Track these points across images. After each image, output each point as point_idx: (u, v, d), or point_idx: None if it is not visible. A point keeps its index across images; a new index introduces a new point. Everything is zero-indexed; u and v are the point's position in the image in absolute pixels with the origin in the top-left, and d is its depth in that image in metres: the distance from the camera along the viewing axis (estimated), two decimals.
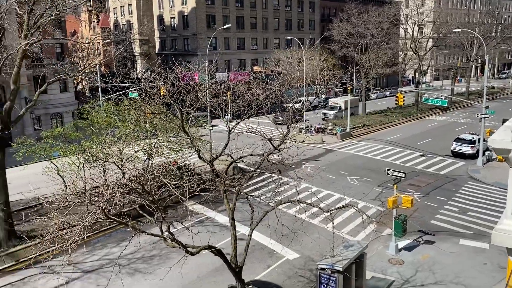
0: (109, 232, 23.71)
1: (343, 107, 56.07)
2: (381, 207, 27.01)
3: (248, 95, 14.51)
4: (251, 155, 14.35)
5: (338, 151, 42.86)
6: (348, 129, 49.63)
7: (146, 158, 26.45)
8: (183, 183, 12.07)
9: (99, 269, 20.46)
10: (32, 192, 24.11)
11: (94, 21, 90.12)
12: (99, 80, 39.75)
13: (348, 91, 52.02)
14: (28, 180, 27.48)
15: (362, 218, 13.96)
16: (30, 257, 21.27)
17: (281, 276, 19.48)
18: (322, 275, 15.14)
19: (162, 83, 14.75)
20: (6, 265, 20.97)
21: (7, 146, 23.49)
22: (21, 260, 21.32)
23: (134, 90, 30.48)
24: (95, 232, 23.36)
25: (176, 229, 12.08)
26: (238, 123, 14.35)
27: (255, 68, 70.77)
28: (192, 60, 56.78)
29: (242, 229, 23.22)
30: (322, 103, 61.91)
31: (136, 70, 69.19)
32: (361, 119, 56.81)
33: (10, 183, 23.79)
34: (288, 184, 15.07)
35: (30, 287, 19.14)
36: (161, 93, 18.27)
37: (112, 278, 17.10)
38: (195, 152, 14.62)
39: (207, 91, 16.14)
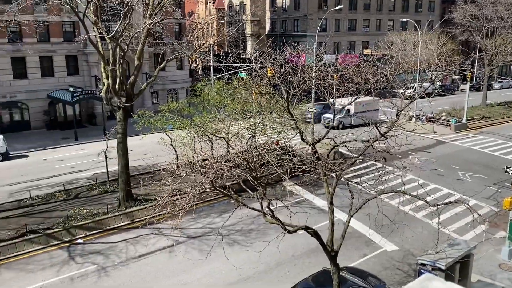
0: (212, 203, 25.16)
1: (352, 111, 43.60)
2: (495, 207, 24.70)
3: (357, 79, 14.14)
4: (355, 140, 14.06)
5: (450, 144, 39.86)
6: (464, 121, 45.80)
7: (251, 136, 27.38)
8: (285, 162, 12.31)
9: (202, 236, 21.93)
10: (149, 159, 26.45)
11: (210, 2, 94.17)
12: (211, 60, 41.75)
13: (468, 79, 47.73)
14: (145, 149, 30.27)
15: (473, 216, 12.96)
16: (143, 218, 23.58)
17: (377, 266, 19.02)
18: (422, 271, 14.47)
19: (271, 64, 15.03)
20: (123, 223, 23.48)
21: (130, 116, 25.96)
22: (135, 220, 23.70)
23: (244, 70, 31.48)
24: (200, 202, 24.98)
25: (275, 207, 12.41)
26: (344, 107, 14.10)
27: (366, 51, 68.28)
28: (301, 41, 56.64)
29: (339, 215, 23.01)
30: (437, 91, 57.58)
31: (246, 50, 71.11)
32: (480, 111, 51.97)
33: (131, 150, 26.26)
34: (392, 174, 14.50)
35: (141, 245, 21.22)
36: (269, 74, 18.65)
37: (214, 246, 18.23)
38: (298, 134, 14.74)
39: (313, 73, 16.06)
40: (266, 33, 77.81)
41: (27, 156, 35.77)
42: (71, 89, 41.06)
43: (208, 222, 23.47)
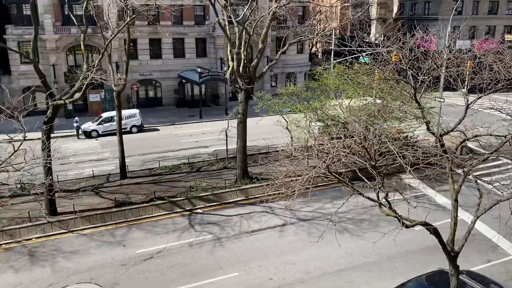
0: (324, 188, 25.08)
1: None
2: None
3: (497, 67, 12.71)
4: (490, 135, 12.73)
5: None
6: None
7: (367, 125, 26.48)
8: (408, 153, 11.69)
9: (311, 220, 22.07)
10: (265, 140, 27.23)
11: None
12: (333, 43, 41.09)
13: None
14: (262, 130, 31.20)
15: None
16: (257, 195, 24.55)
17: (502, 275, 17.24)
18: None
19: (399, 48, 14.25)
20: (238, 199, 24.69)
21: (250, 98, 26.93)
22: (250, 197, 24.78)
23: (367, 54, 30.34)
24: (313, 186, 25.07)
25: (392, 199, 11.91)
26: (480, 97, 12.83)
27: (508, 36, 60.83)
28: (431, 25, 52.55)
29: (463, 215, 21.24)
30: None
31: (370, 34, 68.39)
32: None
33: (249, 131, 27.25)
34: None
35: (254, 221, 22.13)
36: (394, 59, 17.71)
37: (322, 231, 18.25)
38: (423, 124, 13.85)
39: (445, 59, 14.83)
40: (393, 16, 73.71)
41: (158, 130, 39.42)
42: (199, 70, 43.90)
43: (318, 207, 23.51)
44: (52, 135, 22.44)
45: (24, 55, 28.54)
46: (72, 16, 27.62)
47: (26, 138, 9.81)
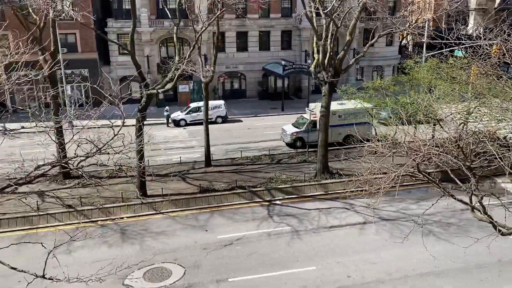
0: (409, 188, 23.98)
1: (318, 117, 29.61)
2: None
3: None
4: None
5: None
6: None
7: (461, 123, 24.72)
8: (509, 155, 10.74)
9: (394, 220, 21.24)
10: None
11: None
12: (425, 36, 38.87)
13: None
14: None
15: None
16: (337, 191, 24.17)
17: None
18: None
19: (503, 40, 13.05)
20: (317, 193, 24.49)
21: (334, 92, 26.46)
22: (329, 192, 24.47)
23: (465, 48, 28.13)
24: (399, 185, 24.12)
25: (486, 204, 11.04)
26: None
27: None
28: None
29: None
30: None
31: (468, 26, 63.55)
32: None
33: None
34: None
35: (333, 217, 21.84)
36: (494, 52, 16.29)
37: (406, 232, 17.47)
38: None
39: None
40: (496, 6, 67.72)
41: (241, 121, 40.34)
42: (283, 62, 44.03)
43: (402, 207, 22.55)
44: (144, 123, 23.95)
45: (122, 46, 30.70)
46: (166, 9, 29.08)
47: (124, 124, 10.57)
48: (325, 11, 23.72)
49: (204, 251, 19.00)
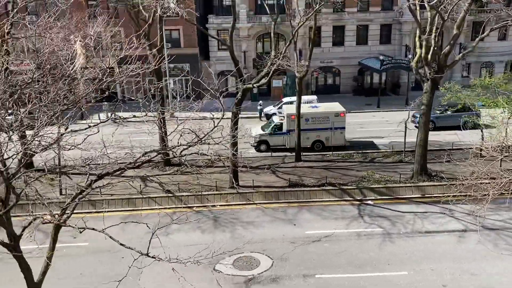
0: None
1: (285, 122, 29.97)
2: None
3: None
4: None
5: None
6: None
7: None
8: None
9: (500, 230, 19.49)
10: (449, 136, 24.93)
11: None
12: None
13: None
14: None
15: None
16: (435, 195, 22.78)
17: None
18: None
19: None
20: (413, 195, 23.27)
21: (436, 89, 24.86)
22: (426, 195, 23.14)
23: None
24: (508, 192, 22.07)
25: None
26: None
27: None
28: None
29: None
30: None
31: None
32: None
33: None
34: None
35: (429, 221, 20.64)
36: None
37: None
38: None
39: None
40: None
41: None
42: (381, 57, 42.39)
43: (510, 217, 20.56)
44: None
45: (222, 42, 31.85)
46: (265, 5, 29.57)
47: (223, 117, 11.02)
48: (431, 3, 22.30)
49: (292, 245, 19.13)
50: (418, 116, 32.26)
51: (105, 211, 18.57)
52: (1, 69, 10.38)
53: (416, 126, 32.12)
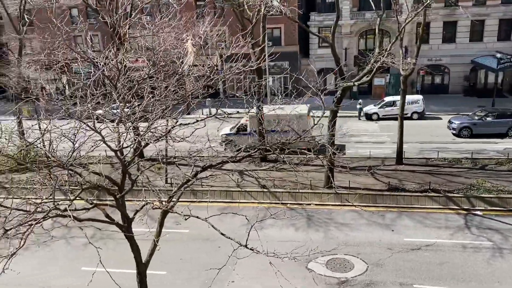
0: None
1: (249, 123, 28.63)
2: None
3: None
4: None
5: None
6: None
7: None
8: None
9: None
10: None
11: None
12: None
13: None
14: None
15: None
16: None
17: None
18: None
19: None
20: None
21: None
22: None
23: None
24: None
25: None
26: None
27: None
28: None
29: None
30: None
31: None
32: None
33: None
34: None
35: None
36: None
37: None
38: None
39: None
40: None
41: (440, 118, 37.14)
42: (498, 55, 38.65)
43: None
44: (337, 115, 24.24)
45: (323, 39, 31.53)
46: (370, 1, 28.58)
47: (324, 115, 10.90)
48: None
49: (389, 251, 18.34)
50: (457, 121, 32.01)
51: (209, 201, 19.52)
52: (121, 66, 11.39)
53: (453, 133, 31.91)
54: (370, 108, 38.36)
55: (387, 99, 38.34)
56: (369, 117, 38.05)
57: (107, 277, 11.34)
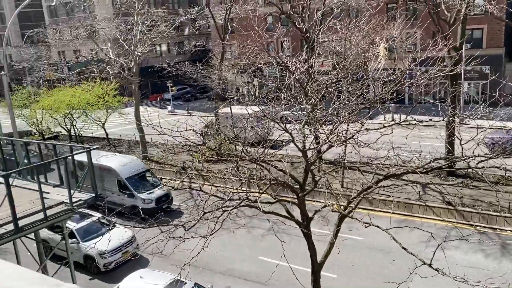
0: None
1: None
2: None
3: None
4: None
5: None
6: None
7: None
8: None
9: None
10: None
11: None
12: None
13: None
14: None
15: None
16: None
17: None
18: None
19: None
20: None
21: None
22: None
23: None
24: None
25: None
26: None
27: None
28: None
29: None
30: None
31: None
32: None
33: None
34: None
35: None
36: None
37: None
38: None
39: None
40: None
41: None
42: None
43: None
44: None
45: None
46: None
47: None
48: None
49: None
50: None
51: (391, 212, 18.75)
52: (312, 71, 11.77)
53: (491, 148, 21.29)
54: None
55: None
56: None
57: (283, 269, 11.82)
